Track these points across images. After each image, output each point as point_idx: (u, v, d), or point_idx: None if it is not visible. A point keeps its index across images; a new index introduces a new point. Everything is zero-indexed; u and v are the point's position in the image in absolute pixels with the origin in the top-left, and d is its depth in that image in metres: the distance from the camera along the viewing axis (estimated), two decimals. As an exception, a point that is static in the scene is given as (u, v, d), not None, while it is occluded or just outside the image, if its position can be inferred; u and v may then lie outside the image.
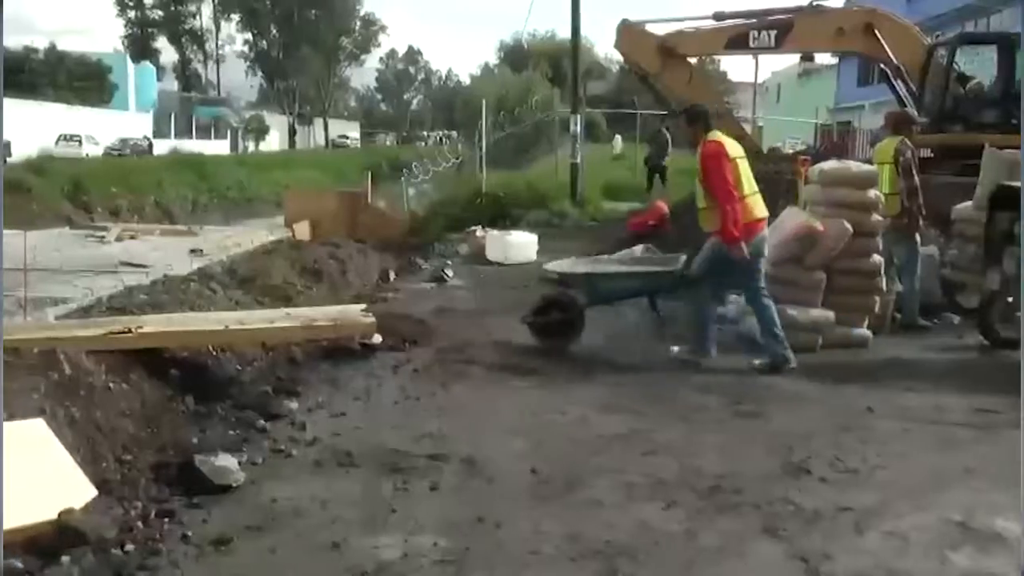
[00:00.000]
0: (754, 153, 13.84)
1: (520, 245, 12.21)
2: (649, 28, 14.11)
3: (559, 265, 7.98)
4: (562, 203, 17.25)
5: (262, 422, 5.25)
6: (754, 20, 13.41)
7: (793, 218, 7.81)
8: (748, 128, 19.98)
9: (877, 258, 7.74)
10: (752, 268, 6.68)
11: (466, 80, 79.18)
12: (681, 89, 13.71)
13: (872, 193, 7.76)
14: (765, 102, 49.65)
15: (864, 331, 7.67)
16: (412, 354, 6.94)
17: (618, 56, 17.43)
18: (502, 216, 16.03)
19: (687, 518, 4.03)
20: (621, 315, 8.49)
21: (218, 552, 3.69)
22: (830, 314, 7.46)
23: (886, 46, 12.66)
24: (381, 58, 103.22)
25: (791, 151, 17.60)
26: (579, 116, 19.08)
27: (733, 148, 6.66)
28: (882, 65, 13.39)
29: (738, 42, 13.44)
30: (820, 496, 4.29)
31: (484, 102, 21.63)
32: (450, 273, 10.60)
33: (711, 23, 13.71)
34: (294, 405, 5.60)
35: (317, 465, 4.65)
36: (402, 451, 4.81)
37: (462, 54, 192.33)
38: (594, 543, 3.75)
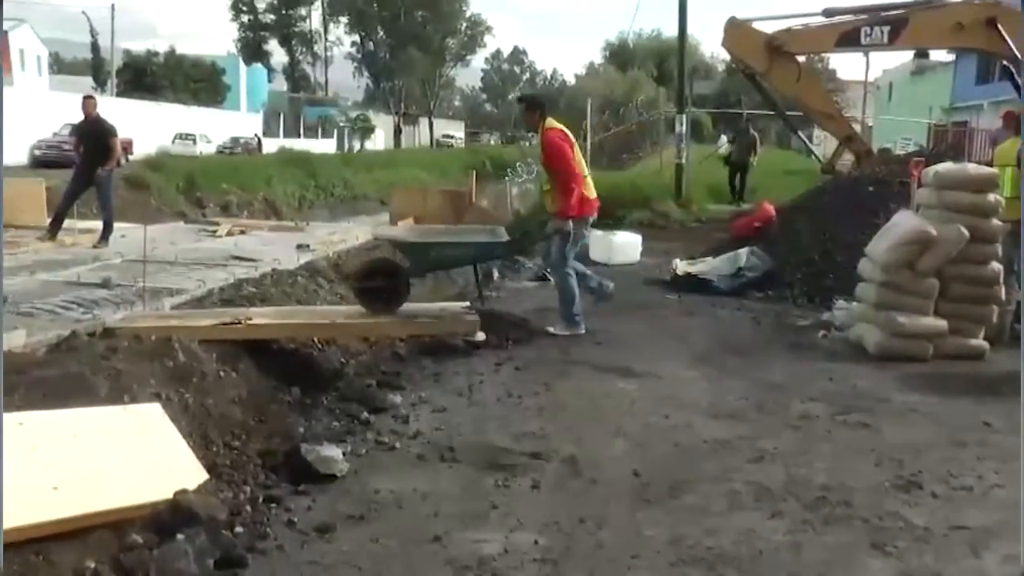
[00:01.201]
0: (864, 153, 13.52)
1: (624, 246, 12.10)
2: (757, 26, 13.80)
3: (387, 231, 7.94)
4: (666, 203, 17.05)
5: (366, 414, 5.32)
6: (866, 16, 12.94)
7: (906, 222, 7.52)
8: (858, 128, 19.32)
9: (996, 265, 7.34)
10: (572, 242, 7.34)
11: (571, 80, 79.17)
12: (789, 88, 13.36)
13: (991, 197, 7.39)
14: (876, 101, 48.17)
15: (980, 342, 7.28)
16: (514, 352, 6.93)
17: (725, 55, 17.14)
18: (605, 216, 15.89)
19: (792, 529, 3.91)
20: (729, 320, 8.37)
21: (322, 539, 3.76)
22: (942, 323, 7.13)
23: (1010, 41, 12.06)
24: (486, 58, 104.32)
25: (902, 152, 17.02)
26: (685, 115, 18.84)
27: (571, 135, 7.37)
28: (1004, 62, 12.77)
29: (849, 39, 12.97)
30: (932, 513, 4.11)
31: (589, 101, 21.55)
32: (553, 273, 10.55)
33: (821, 20, 13.30)
34: (398, 399, 5.65)
35: (419, 459, 4.69)
36: (504, 448, 4.82)
37: (567, 54, 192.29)
38: (696, 549, 3.68)
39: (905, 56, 38.50)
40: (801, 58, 13.86)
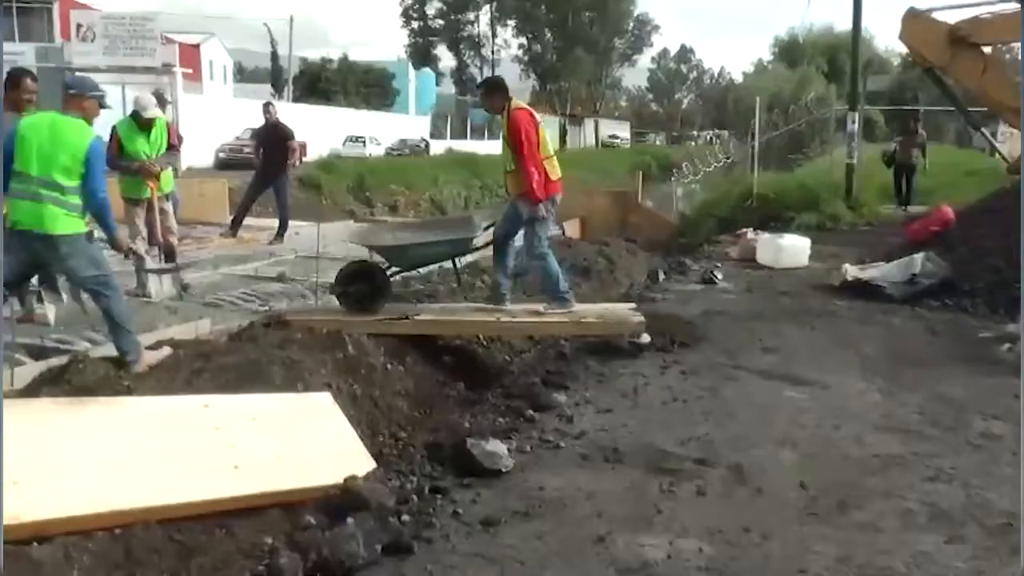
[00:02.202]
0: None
1: (792, 249, 11.75)
2: (937, 15, 13.10)
3: (363, 236, 7.78)
4: (835, 205, 16.41)
5: (531, 412, 5.37)
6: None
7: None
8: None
9: None
10: (546, 225, 7.12)
11: (738, 78, 77.48)
12: (973, 82, 12.57)
13: None
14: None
15: None
16: (680, 356, 6.84)
17: (900, 48, 16.34)
18: (772, 218, 15.50)
19: (973, 555, 3.68)
20: (902, 329, 8.01)
21: (487, 532, 3.83)
22: None
23: None
24: (653, 57, 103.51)
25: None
26: (857, 113, 18.09)
27: (536, 115, 7.24)
28: None
29: (1045, 26, 12.11)
30: None
31: (758, 100, 21.02)
32: (719, 275, 10.37)
33: (1011, 6, 12.43)
34: (562, 398, 5.68)
35: (583, 458, 4.70)
36: (669, 452, 4.77)
37: (735, 52, 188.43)
38: (867, 569, 3.54)
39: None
40: (987, 49, 13.03)
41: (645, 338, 6.92)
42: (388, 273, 7.20)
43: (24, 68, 7.32)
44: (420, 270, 8.27)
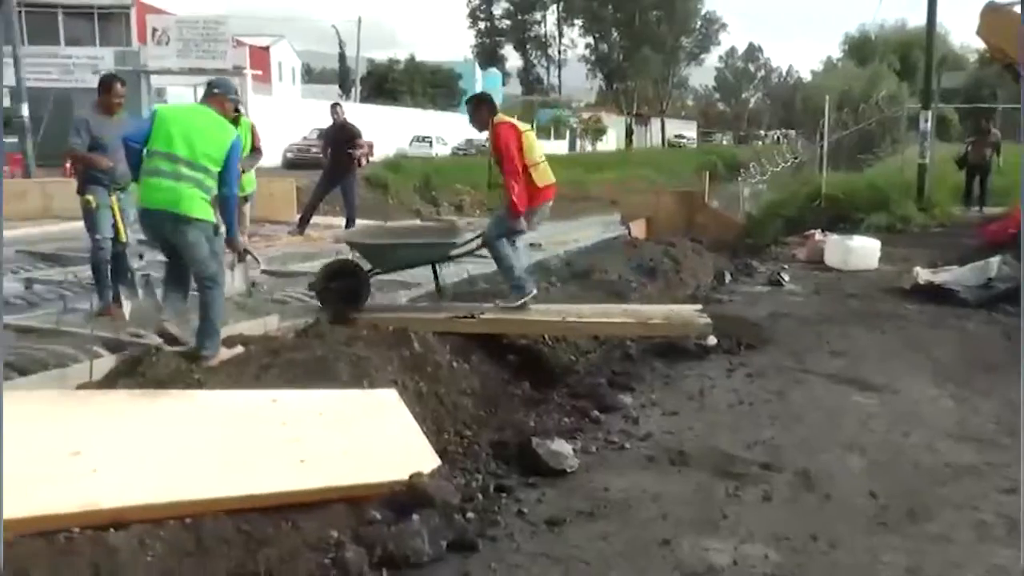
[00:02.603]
0: None
1: (861, 251, 11.53)
2: (1017, 10, 12.73)
3: (348, 235, 7.89)
4: (906, 207, 16.05)
5: (596, 413, 5.36)
6: None
7: None
8: None
9: None
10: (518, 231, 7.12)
11: (807, 76, 76.22)
12: (1055, 78, 12.23)
13: None
14: None
15: None
16: (747, 358, 6.77)
17: (977, 44, 15.89)
18: (841, 219, 15.23)
19: (1053, 570, 3.58)
20: (976, 334, 7.81)
21: (551, 532, 3.84)
22: None
23: None
24: (720, 56, 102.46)
25: None
26: (930, 112, 17.66)
27: (522, 124, 7.30)
28: None
29: None
30: None
31: (827, 98, 20.62)
32: (786, 277, 10.23)
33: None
34: (628, 399, 5.67)
35: (649, 460, 4.69)
36: (735, 456, 4.73)
37: (804, 50, 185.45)
38: (938, 580, 3.47)
39: None
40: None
41: (711, 340, 6.87)
42: (369, 273, 7.29)
43: (115, 74, 7.63)
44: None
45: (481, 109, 7.26)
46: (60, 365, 5.25)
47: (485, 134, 7.35)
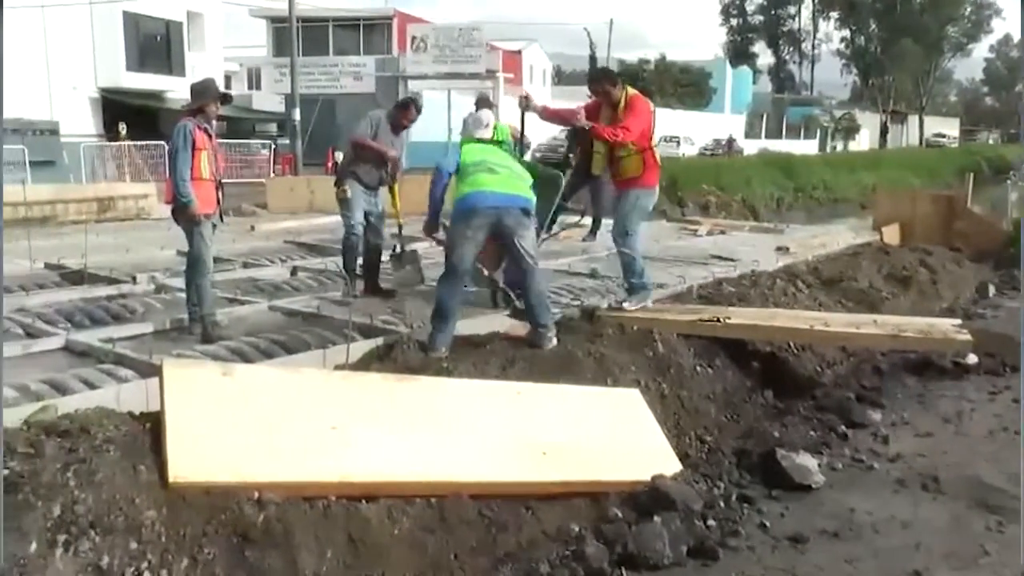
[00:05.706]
0: None
1: None
2: None
3: None
4: None
5: (843, 428, 5.20)
6: None
7: None
8: None
9: None
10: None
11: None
12: None
13: None
14: None
15: None
16: (1012, 381, 6.27)
17: None
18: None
19: None
20: None
21: (794, 548, 3.76)
22: None
23: None
24: (991, 46, 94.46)
25: None
26: None
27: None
28: None
29: None
30: None
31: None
32: (1063, 293, 9.38)
33: None
34: (877, 416, 5.45)
35: (899, 483, 4.48)
36: (997, 488, 4.40)
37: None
38: None
39: None
40: None
41: (971, 358, 6.43)
42: None
43: (413, 97, 8.61)
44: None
45: (614, 83, 7.14)
46: (320, 347, 5.65)
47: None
